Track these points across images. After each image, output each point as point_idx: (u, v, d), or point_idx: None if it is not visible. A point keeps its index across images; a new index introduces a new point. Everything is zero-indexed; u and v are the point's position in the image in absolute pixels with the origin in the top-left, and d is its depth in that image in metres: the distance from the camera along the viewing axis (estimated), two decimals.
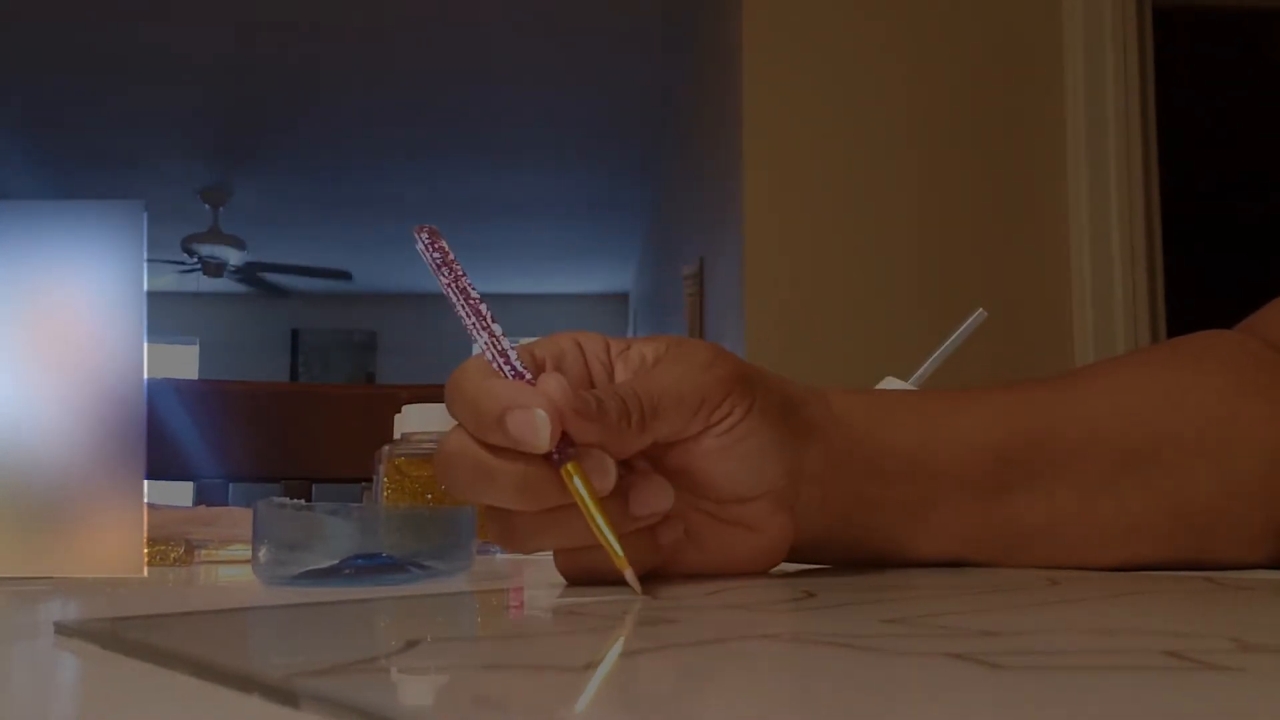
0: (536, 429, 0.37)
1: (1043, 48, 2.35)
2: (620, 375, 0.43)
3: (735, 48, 2.47)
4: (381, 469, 0.73)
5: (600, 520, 0.38)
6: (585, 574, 0.42)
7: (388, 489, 0.73)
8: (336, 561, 0.47)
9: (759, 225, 2.33)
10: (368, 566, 0.48)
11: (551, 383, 0.38)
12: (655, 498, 0.40)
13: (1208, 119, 3.84)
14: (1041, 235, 2.32)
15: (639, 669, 0.24)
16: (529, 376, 0.40)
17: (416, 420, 0.75)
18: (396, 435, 0.77)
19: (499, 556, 0.72)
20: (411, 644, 0.28)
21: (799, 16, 2.37)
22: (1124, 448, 0.48)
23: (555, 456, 0.38)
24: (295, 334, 7.61)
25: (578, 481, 0.38)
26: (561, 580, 0.44)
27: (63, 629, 0.32)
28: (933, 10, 2.38)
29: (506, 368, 0.40)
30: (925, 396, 0.50)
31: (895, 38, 2.37)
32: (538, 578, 0.56)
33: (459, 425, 0.40)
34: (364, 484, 0.98)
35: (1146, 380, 0.51)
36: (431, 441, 0.74)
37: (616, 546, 0.38)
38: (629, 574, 0.38)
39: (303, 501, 0.50)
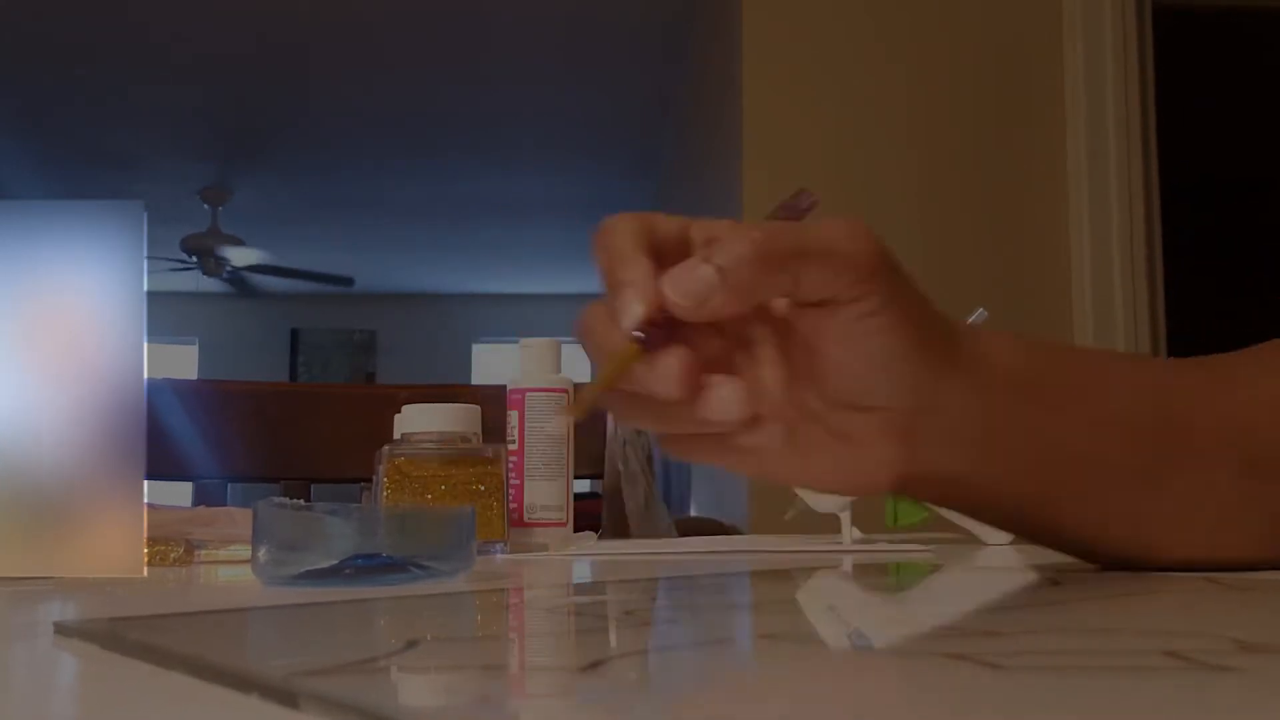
0: (626, 311, 0.38)
1: (1043, 48, 2.35)
2: None
3: (735, 48, 2.47)
4: (381, 469, 0.73)
5: (598, 378, 0.39)
6: (681, 450, 0.43)
7: (388, 489, 0.73)
8: (336, 561, 0.47)
9: None
10: (368, 566, 0.48)
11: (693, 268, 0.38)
12: (724, 405, 0.39)
13: (1208, 119, 3.84)
14: (1041, 235, 2.32)
15: (639, 669, 0.24)
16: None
17: (416, 420, 0.75)
18: (396, 435, 0.77)
19: (499, 557, 0.73)
20: (411, 644, 0.28)
21: (799, 17, 2.37)
22: (1249, 465, 0.46)
23: (641, 334, 0.38)
24: (295, 334, 7.60)
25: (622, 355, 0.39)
26: (561, 581, 0.44)
27: (62, 629, 0.32)
28: (932, 10, 2.37)
29: None
30: (1078, 363, 0.47)
31: (895, 38, 2.37)
32: (538, 578, 0.56)
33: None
34: (364, 484, 0.98)
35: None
36: (431, 442, 0.74)
37: (589, 399, 0.40)
38: (567, 417, 0.39)
39: (302, 501, 0.50)
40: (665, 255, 0.41)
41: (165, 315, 6.82)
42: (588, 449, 1.06)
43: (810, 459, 0.42)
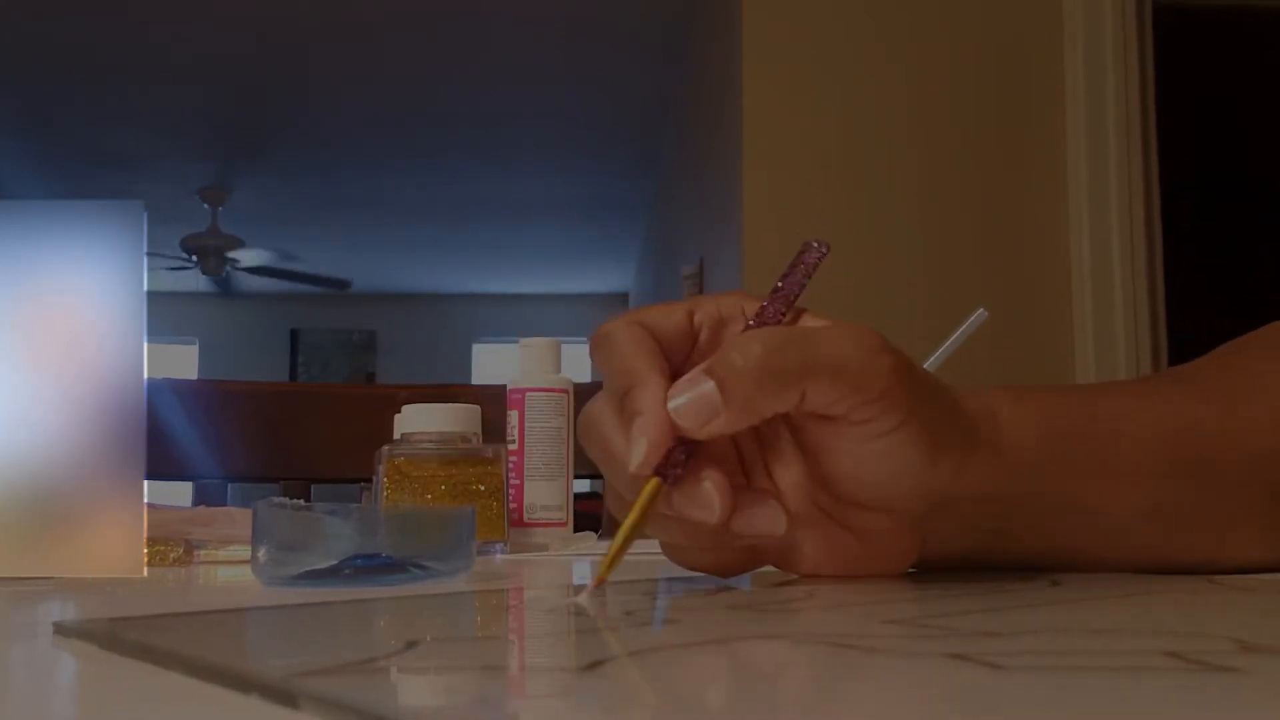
0: (634, 454, 0.37)
1: (1043, 48, 2.35)
2: None
3: (735, 48, 2.47)
4: (381, 469, 0.73)
5: (623, 534, 0.38)
6: (683, 565, 0.43)
7: (388, 489, 0.73)
8: (336, 561, 0.47)
9: (759, 225, 2.33)
10: (368, 566, 0.48)
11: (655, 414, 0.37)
12: (761, 522, 0.39)
13: (1208, 119, 3.84)
14: (1041, 236, 2.32)
15: (639, 669, 0.24)
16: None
17: (416, 420, 0.75)
18: (396, 435, 0.77)
19: (499, 557, 0.73)
20: (411, 644, 0.28)
21: (799, 17, 2.37)
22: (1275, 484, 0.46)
23: (663, 469, 0.38)
24: (295, 334, 7.60)
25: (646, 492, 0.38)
26: (560, 581, 0.44)
27: (62, 629, 0.32)
28: (933, 10, 2.37)
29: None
30: (1095, 420, 0.45)
31: (895, 38, 2.37)
32: (538, 578, 0.56)
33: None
34: (364, 484, 0.98)
35: None
36: (431, 442, 0.74)
37: (606, 567, 0.38)
38: (584, 594, 0.38)
39: (302, 501, 0.50)
40: (669, 353, 0.40)
41: (165, 315, 6.82)
42: None
43: (827, 554, 0.42)
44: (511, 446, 0.81)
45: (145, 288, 0.45)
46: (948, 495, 0.40)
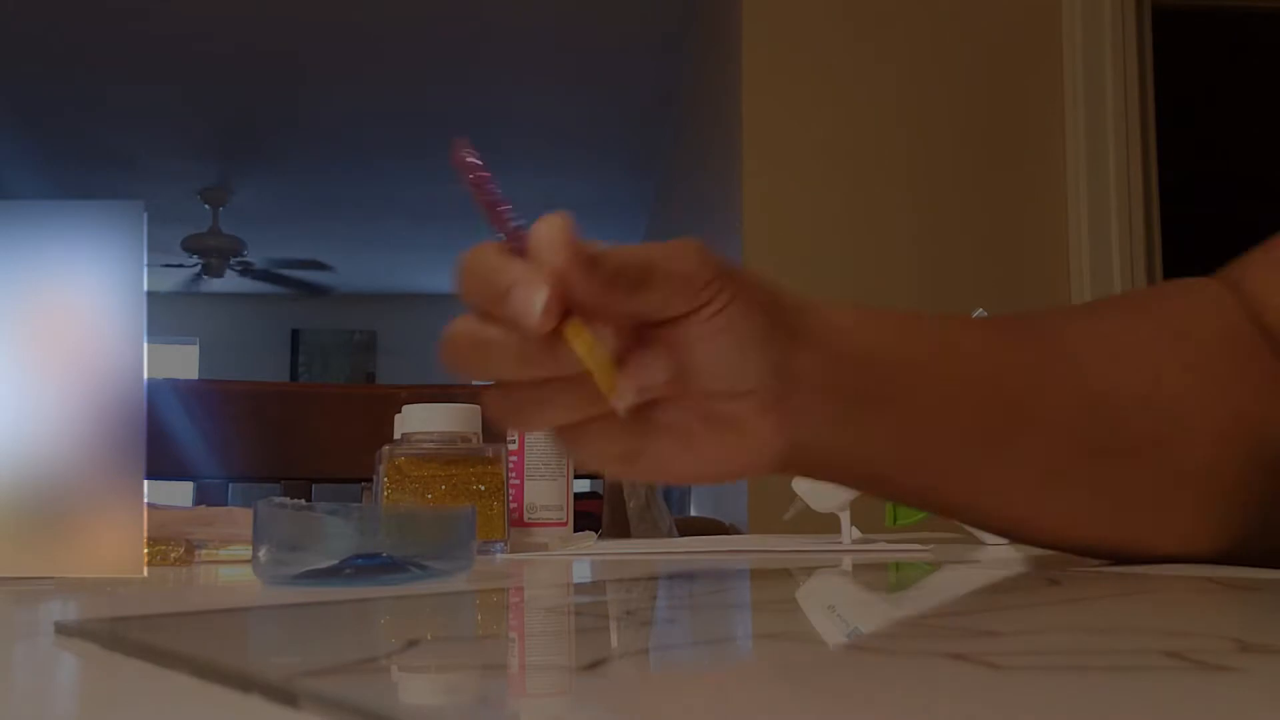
0: (534, 303, 0.40)
1: (1043, 48, 2.35)
2: None
3: (735, 48, 2.47)
4: (381, 469, 0.73)
5: (598, 356, 0.40)
6: (584, 452, 0.44)
7: (388, 489, 0.73)
8: (336, 561, 0.47)
9: (759, 225, 2.33)
10: (368, 566, 0.48)
11: (555, 244, 0.42)
12: (649, 369, 0.42)
13: (1207, 119, 3.84)
14: (1041, 235, 2.32)
15: (639, 669, 0.24)
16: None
17: (416, 420, 0.75)
18: (396, 435, 0.77)
19: (499, 557, 0.73)
20: (411, 644, 0.28)
21: (798, 17, 2.37)
22: (1093, 445, 0.48)
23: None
24: (295, 334, 7.60)
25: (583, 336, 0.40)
26: (561, 581, 0.44)
27: (63, 629, 0.32)
28: (932, 11, 2.37)
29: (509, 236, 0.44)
30: (925, 332, 0.51)
31: (895, 38, 2.37)
32: (538, 578, 0.56)
33: (465, 310, 0.44)
34: (364, 484, 0.98)
35: (1134, 374, 0.50)
36: (432, 442, 0.74)
37: (610, 377, 0.40)
38: (617, 398, 0.40)
39: (303, 501, 0.50)
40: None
41: (165, 315, 6.81)
42: None
43: (701, 452, 0.45)
44: (511, 446, 0.81)
45: (145, 288, 0.45)
46: (792, 372, 0.44)
